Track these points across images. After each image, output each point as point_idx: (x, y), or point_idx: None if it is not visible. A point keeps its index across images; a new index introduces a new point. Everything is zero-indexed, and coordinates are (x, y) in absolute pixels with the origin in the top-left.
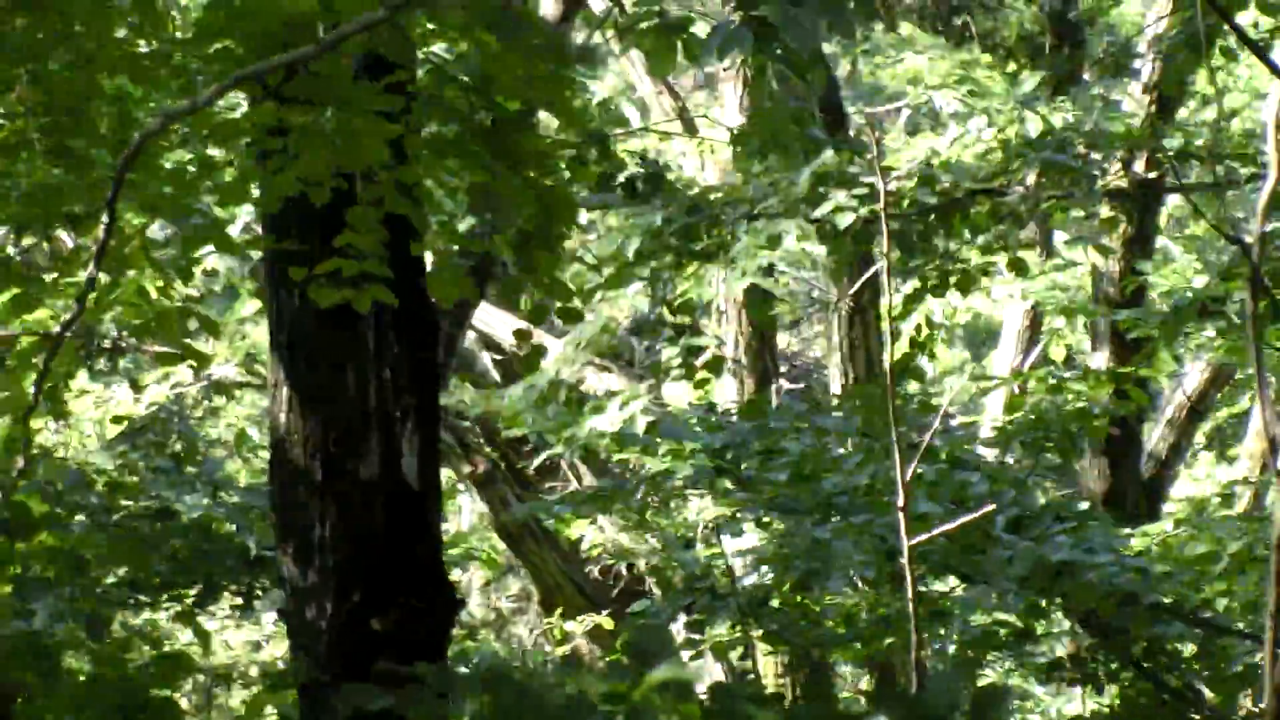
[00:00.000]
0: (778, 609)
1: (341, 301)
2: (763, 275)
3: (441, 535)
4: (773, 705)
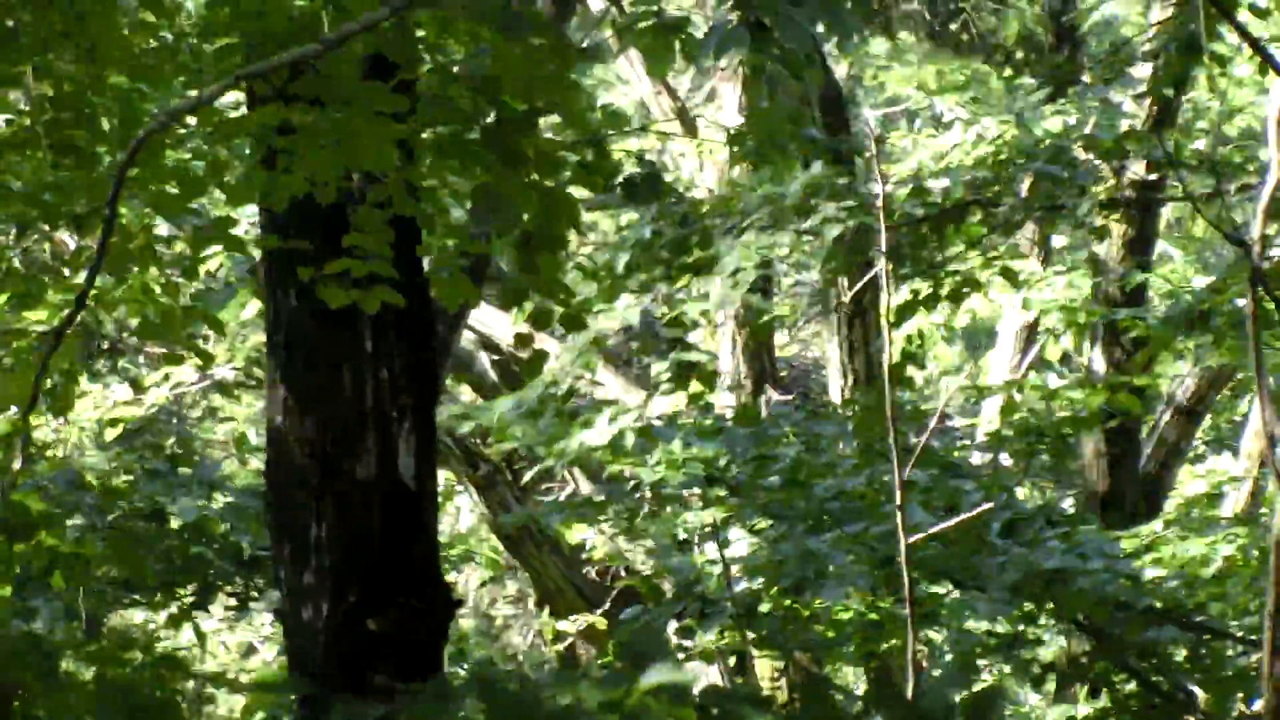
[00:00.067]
0: (768, 614)
1: (348, 302)
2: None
3: (438, 535)
4: (769, 708)
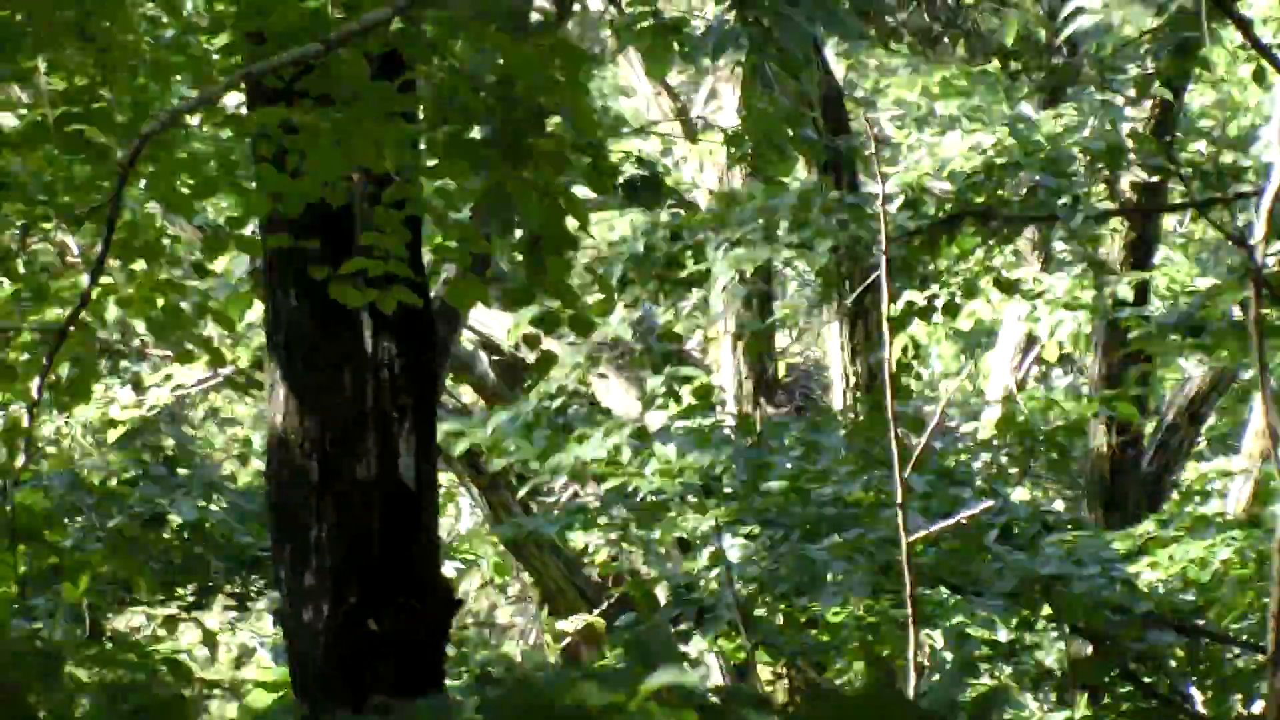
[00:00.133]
0: (764, 618)
1: (365, 302)
2: (759, 289)
3: (438, 535)
4: (769, 709)
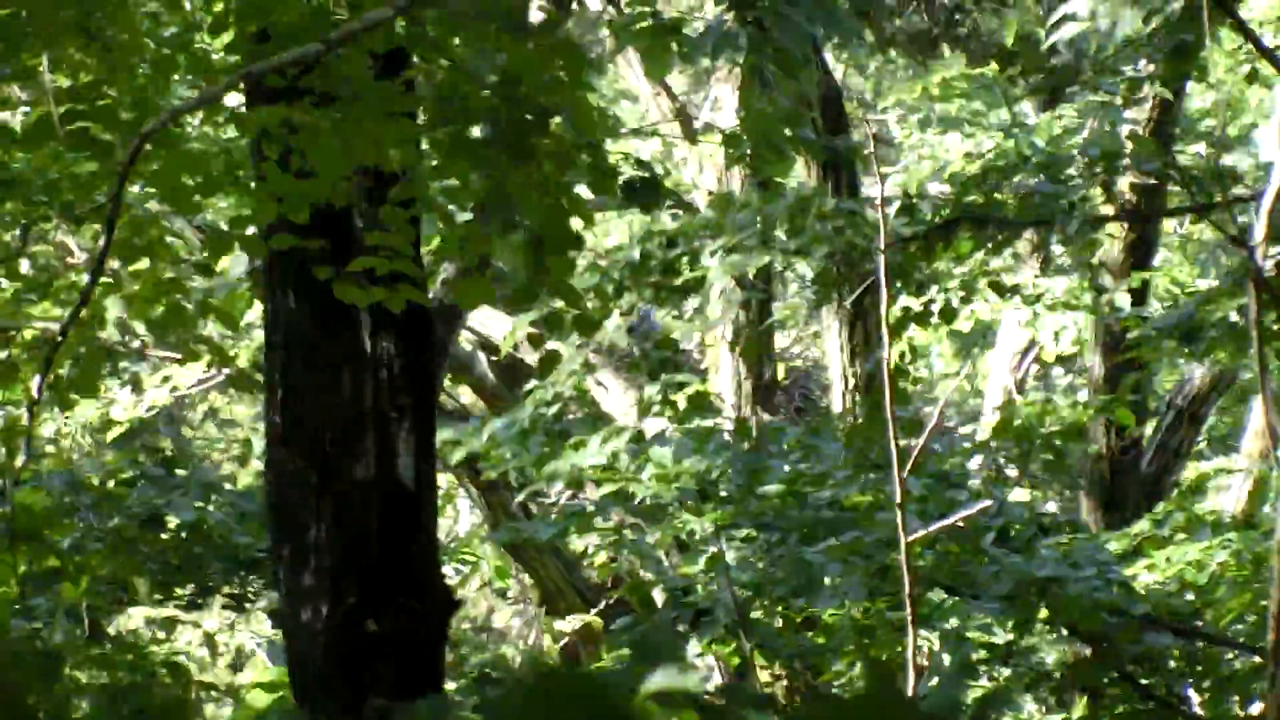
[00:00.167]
0: (760, 621)
1: (374, 300)
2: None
3: (437, 536)
4: (772, 706)
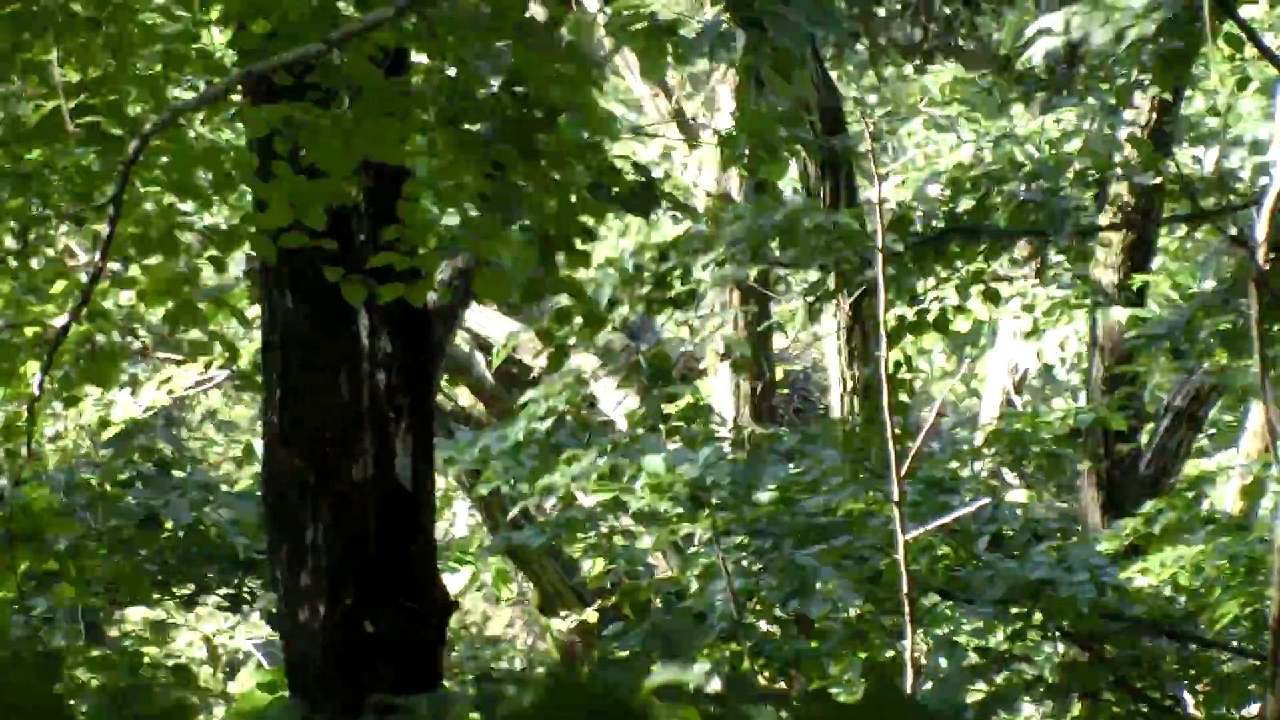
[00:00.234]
0: (753, 624)
1: (394, 297)
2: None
3: (435, 536)
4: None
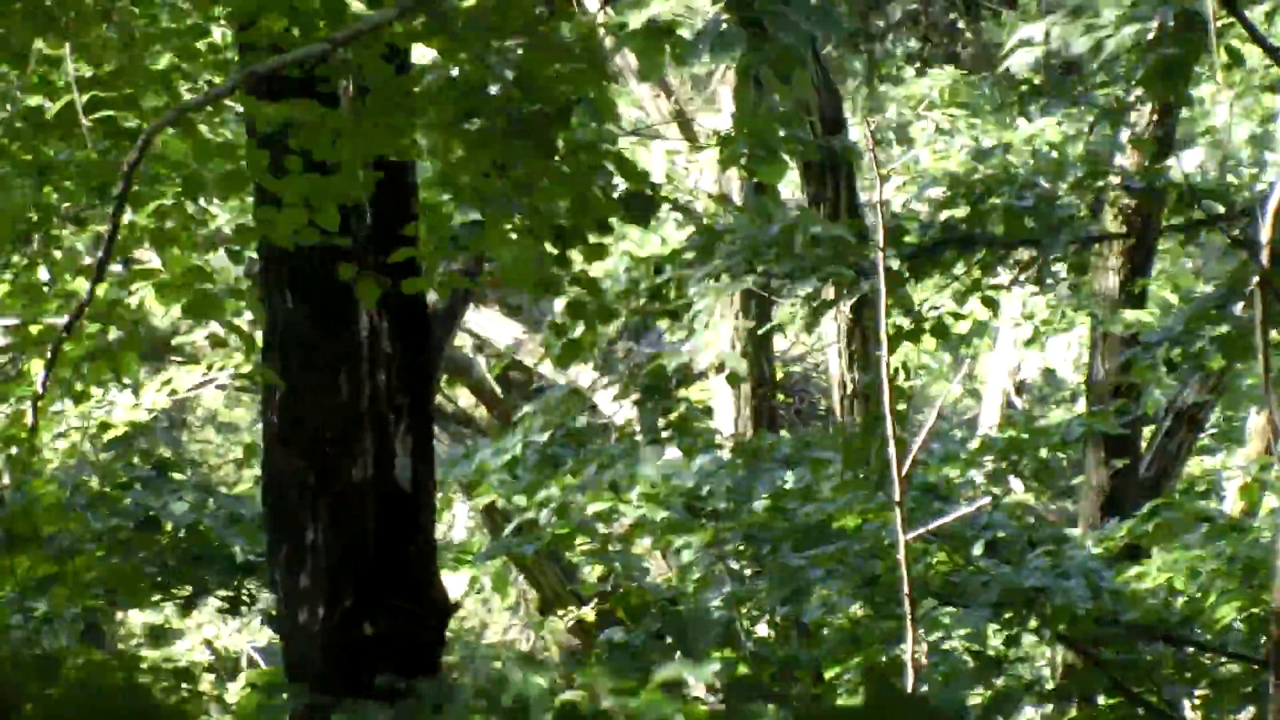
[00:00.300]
0: (750, 629)
1: (416, 290)
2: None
3: (434, 537)
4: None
